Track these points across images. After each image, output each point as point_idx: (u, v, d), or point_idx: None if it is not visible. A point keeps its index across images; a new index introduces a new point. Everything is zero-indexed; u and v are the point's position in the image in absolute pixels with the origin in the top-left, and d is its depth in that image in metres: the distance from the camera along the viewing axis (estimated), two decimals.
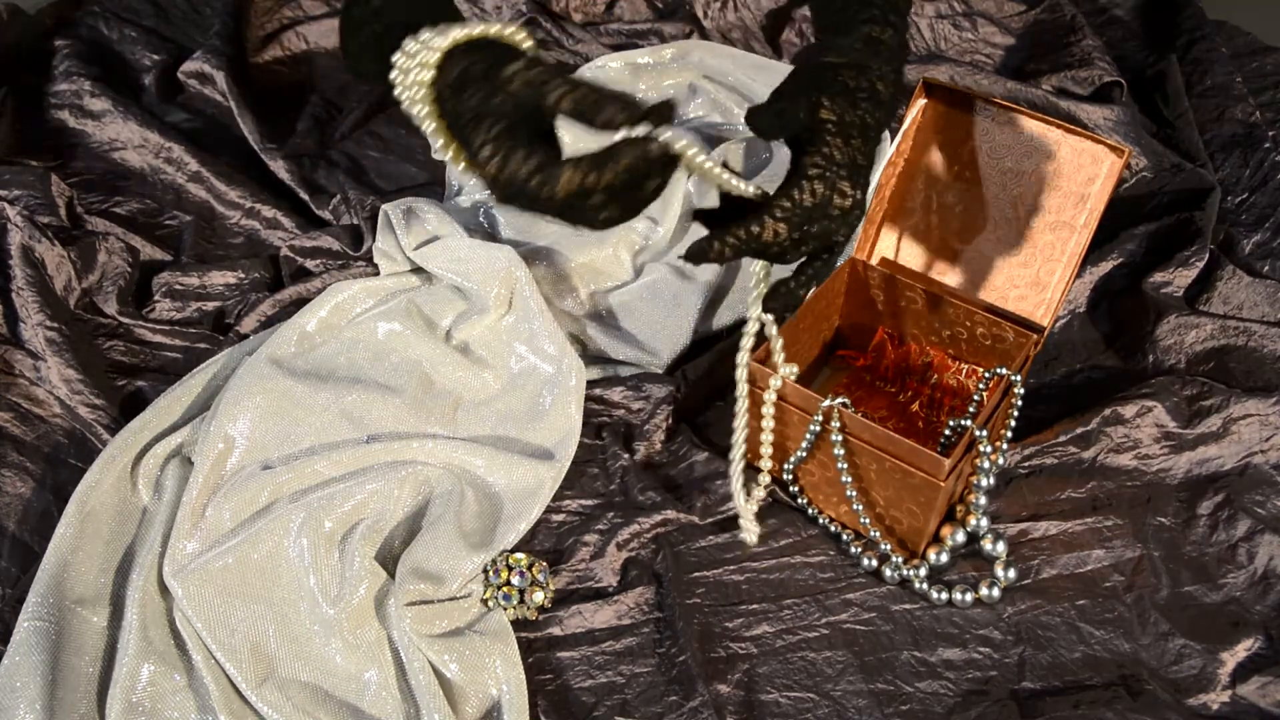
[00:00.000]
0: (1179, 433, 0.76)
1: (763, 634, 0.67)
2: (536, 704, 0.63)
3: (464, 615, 0.66)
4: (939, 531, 0.71)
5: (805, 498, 0.74)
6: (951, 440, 0.72)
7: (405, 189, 1.01)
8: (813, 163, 0.58)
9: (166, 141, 1.01)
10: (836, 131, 0.58)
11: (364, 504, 0.69)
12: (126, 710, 0.60)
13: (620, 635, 0.67)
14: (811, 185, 0.58)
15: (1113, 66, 1.09)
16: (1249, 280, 0.86)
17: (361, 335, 0.81)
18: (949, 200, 0.77)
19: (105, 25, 1.14)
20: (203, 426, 0.74)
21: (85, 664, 0.62)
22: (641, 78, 1.08)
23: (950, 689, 0.64)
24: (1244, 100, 1.05)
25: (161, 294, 0.89)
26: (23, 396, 0.79)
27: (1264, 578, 0.69)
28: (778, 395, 0.70)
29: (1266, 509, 0.73)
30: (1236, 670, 0.65)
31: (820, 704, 0.64)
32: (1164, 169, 0.99)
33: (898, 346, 0.82)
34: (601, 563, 0.70)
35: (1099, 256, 0.89)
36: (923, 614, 0.68)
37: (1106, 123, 1.01)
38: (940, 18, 1.18)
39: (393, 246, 0.88)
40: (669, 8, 1.24)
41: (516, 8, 1.20)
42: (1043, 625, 0.67)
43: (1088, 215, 0.72)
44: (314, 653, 0.64)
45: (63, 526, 0.67)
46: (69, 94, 1.04)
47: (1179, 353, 0.83)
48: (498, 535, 0.70)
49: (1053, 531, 0.72)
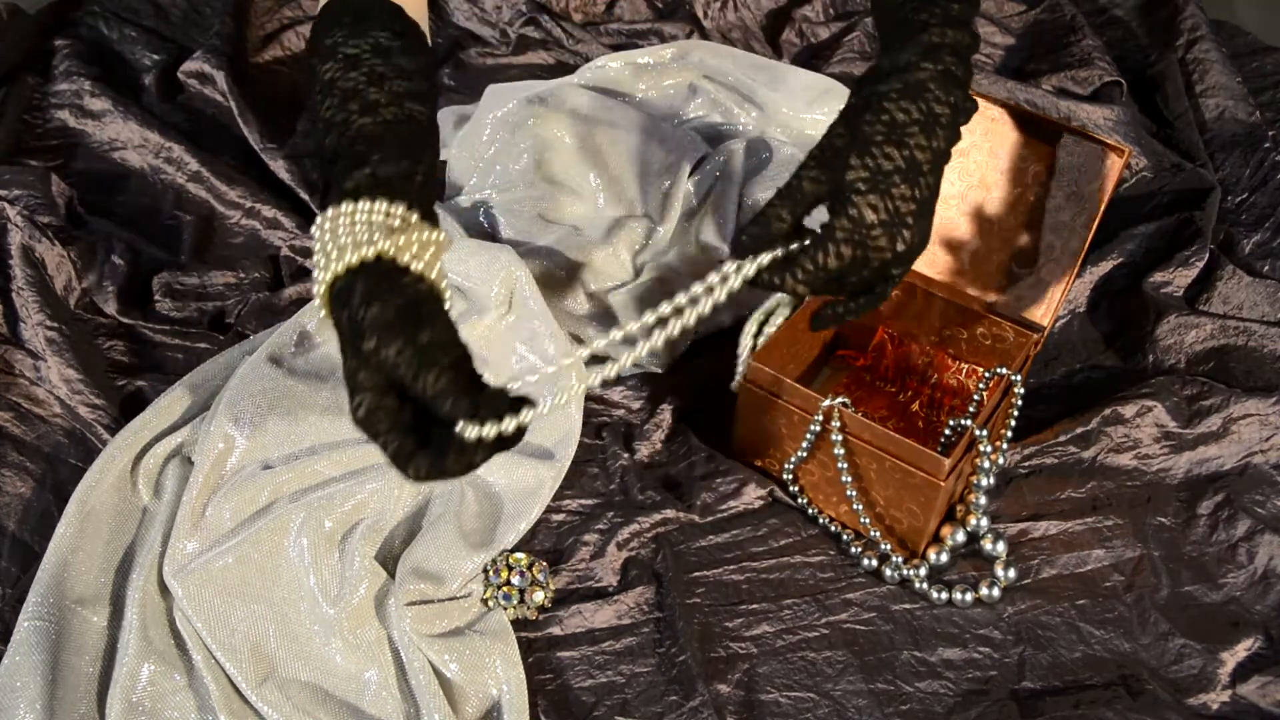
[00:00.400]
0: (1179, 433, 0.76)
1: (763, 634, 0.67)
2: (536, 704, 0.63)
3: (464, 615, 0.66)
4: (939, 531, 0.71)
5: (805, 498, 0.74)
6: (951, 440, 0.72)
7: None
8: (840, 225, 0.56)
9: (166, 141, 1.01)
10: (868, 189, 0.56)
11: (364, 504, 0.69)
12: (126, 710, 0.60)
13: (620, 635, 0.67)
14: (838, 249, 0.56)
15: (1113, 66, 1.09)
16: (1249, 280, 0.86)
17: None
18: (950, 200, 0.77)
19: (105, 25, 1.14)
20: (203, 426, 0.74)
21: (85, 664, 0.62)
22: (641, 78, 1.08)
23: (950, 689, 0.64)
24: (1244, 100, 1.05)
25: (161, 294, 0.89)
26: (23, 396, 0.79)
27: (1264, 578, 0.69)
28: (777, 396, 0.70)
29: (1266, 509, 0.73)
30: (1236, 670, 0.65)
31: (820, 704, 0.64)
32: (1164, 169, 0.99)
33: (898, 346, 0.82)
34: (601, 562, 0.70)
35: (1099, 256, 0.89)
36: (923, 614, 0.68)
37: (1106, 123, 1.01)
38: None
39: None
40: (669, 8, 1.24)
41: (516, 8, 1.20)
42: (1043, 625, 0.67)
43: (1088, 215, 0.72)
44: (314, 652, 0.64)
45: (63, 526, 0.67)
46: (69, 94, 1.04)
47: (1179, 353, 0.83)
48: (498, 535, 0.70)
49: (1053, 531, 0.72)
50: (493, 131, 1.00)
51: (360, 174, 0.60)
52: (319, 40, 0.65)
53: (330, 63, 0.64)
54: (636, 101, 1.07)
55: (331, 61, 0.64)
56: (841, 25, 1.19)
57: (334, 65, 0.64)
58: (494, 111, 1.00)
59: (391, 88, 0.63)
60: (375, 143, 0.61)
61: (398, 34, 0.66)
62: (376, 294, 0.54)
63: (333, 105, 0.63)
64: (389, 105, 0.63)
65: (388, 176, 0.60)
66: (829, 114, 1.05)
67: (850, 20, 1.19)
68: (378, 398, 0.53)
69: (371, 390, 0.53)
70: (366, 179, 0.59)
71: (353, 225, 0.58)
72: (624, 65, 1.08)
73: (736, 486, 0.74)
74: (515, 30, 1.19)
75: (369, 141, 0.62)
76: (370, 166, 0.60)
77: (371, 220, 0.58)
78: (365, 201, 0.58)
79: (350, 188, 0.59)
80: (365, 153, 0.61)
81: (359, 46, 0.64)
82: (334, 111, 0.63)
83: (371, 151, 0.61)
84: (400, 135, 0.63)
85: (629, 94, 1.07)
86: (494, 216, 0.95)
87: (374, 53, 0.64)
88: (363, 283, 0.55)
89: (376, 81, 0.63)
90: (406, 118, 0.63)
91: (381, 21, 0.66)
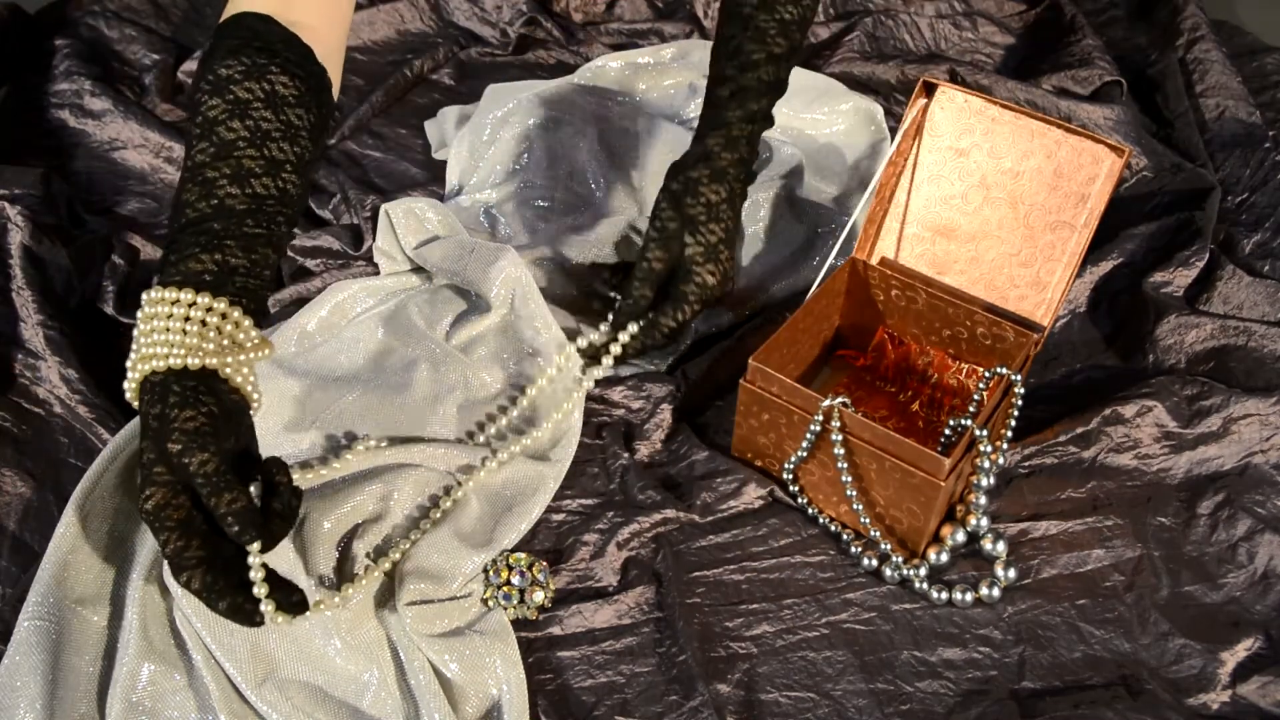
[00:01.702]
0: (1179, 433, 0.76)
1: (763, 634, 0.67)
2: (536, 704, 0.63)
3: (464, 615, 0.66)
4: (939, 531, 0.71)
5: (805, 498, 0.74)
6: (951, 440, 0.72)
7: (405, 189, 1.01)
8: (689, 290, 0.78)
9: (166, 141, 1.01)
10: (705, 260, 0.77)
11: (363, 505, 0.69)
12: (126, 710, 0.60)
13: (620, 635, 0.67)
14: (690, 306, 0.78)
15: (1113, 66, 1.09)
16: (1249, 280, 0.86)
17: (361, 335, 0.81)
18: (950, 200, 0.77)
19: (105, 25, 1.14)
20: None
21: (85, 664, 0.62)
22: (641, 78, 1.08)
23: (950, 689, 0.64)
24: (1244, 100, 1.05)
25: None
26: (23, 396, 0.79)
27: (1264, 578, 0.69)
28: (778, 396, 0.70)
29: (1266, 509, 0.73)
30: (1236, 670, 0.65)
31: (820, 704, 0.64)
32: (1164, 169, 0.99)
33: (898, 346, 0.82)
34: (601, 562, 0.70)
35: (1099, 256, 0.89)
36: (923, 614, 0.68)
37: (1107, 123, 1.01)
38: (940, 18, 1.18)
39: (393, 246, 0.88)
40: (669, 8, 1.24)
41: (516, 8, 1.20)
42: (1043, 625, 0.67)
43: (1088, 215, 0.72)
44: (314, 652, 0.64)
45: (63, 526, 0.67)
46: (69, 94, 1.04)
47: (1179, 353, 0.83)
48: (498, 535, 0.70)
49: (1053, 531, 0.72)
50: (493, 131, 1.00)
51: (208, 259, 0.58)
52: (212, 65, 0.62)
53: (217, 100, 0.61)
54: (637, 101, 1.07)
55: (219, 99, 0.61)
56: (841, 25, 1.19)
57: (220, 105, 0.61)
58: (494, 111, 1.00)
59: (271, 153, 0.61)
60: (234, 224, 0.59)
61: (298, 81, 0.63)
62: (190, 401, 0.55)
63: (205, 154, 0.60)
64: (263, 176, 0.61)
65: (234, 268, 0.59)
66: (828, 114, 1.05)
67: (850, 20, 1.19)
68: (169, 495, 0.55)
69: (164, 487, 0.55)
70: (212, 269, 0.58)
71: (184, 320, 0.57)
72: (624, 65, 1.08)
73: (736, 486, 0.74)
74: (515, 30, 1.20)
75: (228, 219, 0.60)
76: (221, 253, 0.59)
77: (205, 319, 0.57)
78: (205, 297, 0.57)
79: (190, 271, 0.58)
80: (220, 234, 0.59)
81: (251, 92, 0.61)
82: (205, 162, 0.60)
83: (226, 235, 0.59)
84: (260, 218, 0.61)
85: (629, 94, 1.07)
86: (494, 216, 0.95)
87: (266, 103, 0.61)
88: (178, 385, 0.56)
89: (257, 143, 0.60)
90: (277, 194, 0.61)
91: (284, 64, 0.62)
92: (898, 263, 0.80)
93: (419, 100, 1.13)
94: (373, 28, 1.20)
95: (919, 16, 1.18)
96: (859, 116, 1.06)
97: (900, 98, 1.11)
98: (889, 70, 1.11)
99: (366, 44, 1.19)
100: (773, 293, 0.89)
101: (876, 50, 1.17)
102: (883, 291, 0.80)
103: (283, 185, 0.62)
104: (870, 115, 1.05)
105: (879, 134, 1.04)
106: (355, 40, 1.19)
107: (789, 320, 0.74)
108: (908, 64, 1.11)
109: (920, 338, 0.81)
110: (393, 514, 0.69)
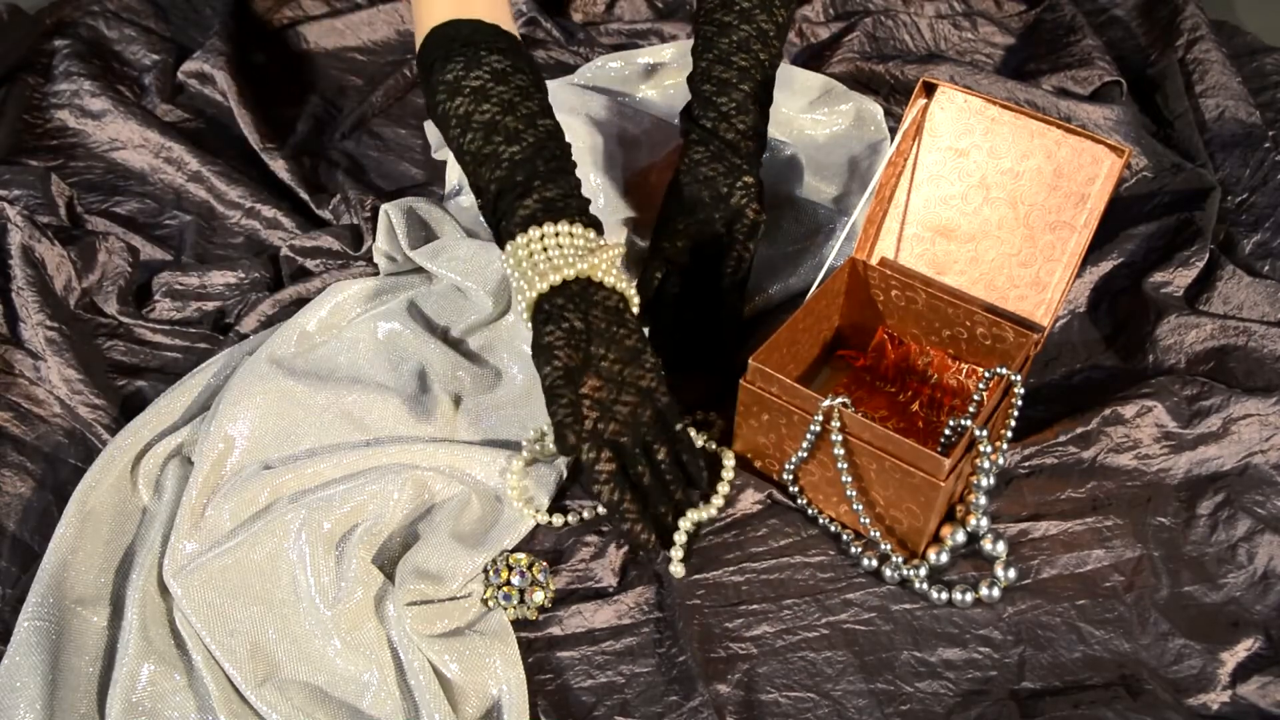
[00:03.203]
0: (1179, 433, 0.76)
1: (763, 634, 0.67)
2: (536, 704, 0.63)
3: (464, 615, 0.66)
4: (939, 531, 0.71)
5: (805, 498, 0.74)
6: (951, 440, 0.72)
7: (405, 189, 1.01)
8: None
9: (166, 141, 1.01)
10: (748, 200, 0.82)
11: (363, 506, 0.69)
12: (126, 710, 0.60)
13: (620, 635, 0.67)
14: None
15: (1113, 66, 1.09)
16: (1249, 280, 0.86)
17: (361, 335, 0.81)
18: (950, 200, 0.77)
19: (105, 25, 1.14)
20: (203, 426, 0.74)
21: (85, 664, 0.62)
22: (641, 78, 1.08)
23: (950, 689, 0.64)
24: (1244, 100, 1.05)
25: (161, 294, 0.89)
26: (23, 396, 0.79)
27: (1264, 578, 0.69)
28: (778, 396, 0.70)
29: (1266, 509, 0.73)
30: (1236, 670, 0.65)
31: (820, 704, 0.64)
32: (1164, 169, 0.99)
33: (898, 346, 0.82)
34: (601, 563, 0.70)
35: (1099, 256, 0.89)
36: (923, 614, 0.68)
37: (1107, 123, 1.01)
38: (940, 18, 1.18)
39: (393, 246, 0.88)
40: (669, 8, 1.24)
41: (516, 8, 1.20)
42: (1043, 625, 0.67)
43: (1088, 215, 0.72)
44: (314, 653, 0.64)
45: (63, 526, 0.67)
46: (69, 94, 1.04)
47: (1179, 353, 0.83)
48: (498, 535, 0.70)
49: (1053, 531, 0.72)
50: None
51: (531, 202, 0.67)
52: (435, 75, 0.71)
53: (459, 98, 0.70)
54: (637, 101, 1.07)
55: (460, 97, 0.70)
56: (841, 25, 1.19)
57: (463, 100, 0.70)
58: None
59: (522, 111, 0.70)
60: (531, 170, 0.69)
61: (506, 53, 0.72)
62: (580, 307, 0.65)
63: (476, 139, 0.70)
64: (527, 130, 0.70)
65: (554, 199, 0.68)
66: (829, 114, 1.05)
67: (850, 20, 1.19)
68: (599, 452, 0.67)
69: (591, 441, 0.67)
70: (539, 206, 0.67)
71: (544, 249, 0.66)
72: (624, 65, 1.08)
73: (736, 487, 0.74)
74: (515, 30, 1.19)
75: (525, 169, 0.69)
76: (536, 193, 0.68)
77: (560, 243, 0.67)
78: (549, 225, 0.66)
79: (526, 215, 0.67)
80: (526, 181, 0.68)
81: (481, 78, 0.70)
82: (480, 145, 0.69)
83: (532, 179, 0.68)
84: (547, 157, 0.70)
85: (629, 94, 1.07)
86: None
87: (496, 79, 0.70)
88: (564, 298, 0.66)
89: (509, 110, 0.70)
90: (546, 136, 0.70)
91: (490, 44, 0.72)
92: (897, 263, 0.80)
93: (419, 100, 1.13)
94: (373, 28, 1.20)
95: (919, 17, 1.18)
96: (859, 116, 1.06)
97: (900, 98, 1.11)
98: (889, 70, 1.11)
99: (366, 44, 1.20)
100: (772, 293, 0.89)
101: (876, 50, 1.17)
102: (882, 291, 0.80)
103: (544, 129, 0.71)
104: (870, 115, 1.05)
105: (879, 134, 1.04)
106: (355, 40, 1.19)
107: (789, 320, 0.74)
108: (908, 64, 1.11)
109: (920, 338, 0.81)
110: (393, 514, 0.69)
